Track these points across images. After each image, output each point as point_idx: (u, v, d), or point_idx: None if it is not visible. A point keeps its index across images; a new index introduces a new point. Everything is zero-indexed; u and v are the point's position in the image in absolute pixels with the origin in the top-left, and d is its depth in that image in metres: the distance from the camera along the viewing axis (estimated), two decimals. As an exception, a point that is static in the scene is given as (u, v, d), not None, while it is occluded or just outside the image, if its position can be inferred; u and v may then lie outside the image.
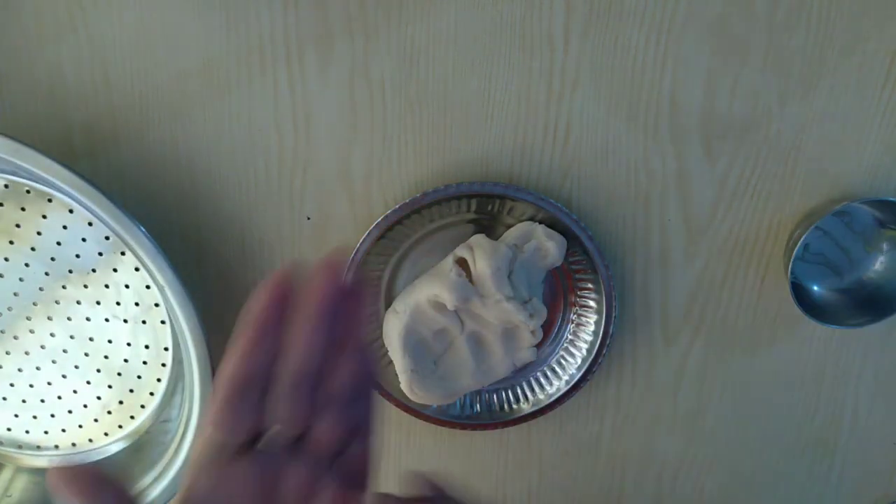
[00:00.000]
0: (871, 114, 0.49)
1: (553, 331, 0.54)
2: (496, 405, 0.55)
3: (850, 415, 0.57)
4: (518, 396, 0.55)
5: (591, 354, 0.53)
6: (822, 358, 0.55)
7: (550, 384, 0.55)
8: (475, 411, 0.55)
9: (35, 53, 0.49)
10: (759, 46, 0.48)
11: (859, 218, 0.51)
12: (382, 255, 0.51)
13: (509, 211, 0.50)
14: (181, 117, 0.50)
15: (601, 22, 0.47)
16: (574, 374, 0.53)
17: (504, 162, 0.50)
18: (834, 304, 0.53)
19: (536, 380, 0.55)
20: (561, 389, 0.54)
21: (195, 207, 0.52)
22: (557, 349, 0.55)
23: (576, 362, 0.54)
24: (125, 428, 0.56)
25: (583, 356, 0.53)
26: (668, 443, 0.58)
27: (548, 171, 0.51)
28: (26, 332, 0.54)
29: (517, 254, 0.49)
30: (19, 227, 0.51)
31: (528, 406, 0.55)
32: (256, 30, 0.48)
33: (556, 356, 0.55)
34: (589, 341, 0.53)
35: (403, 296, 0.51)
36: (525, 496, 0.60)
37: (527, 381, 0.55)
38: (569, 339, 0.54)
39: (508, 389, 0.55)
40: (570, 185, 0.51)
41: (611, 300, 0.51)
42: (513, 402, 0.55)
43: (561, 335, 0.55)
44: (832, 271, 0.53)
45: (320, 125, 0.50)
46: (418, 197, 0.49)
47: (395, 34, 0.48)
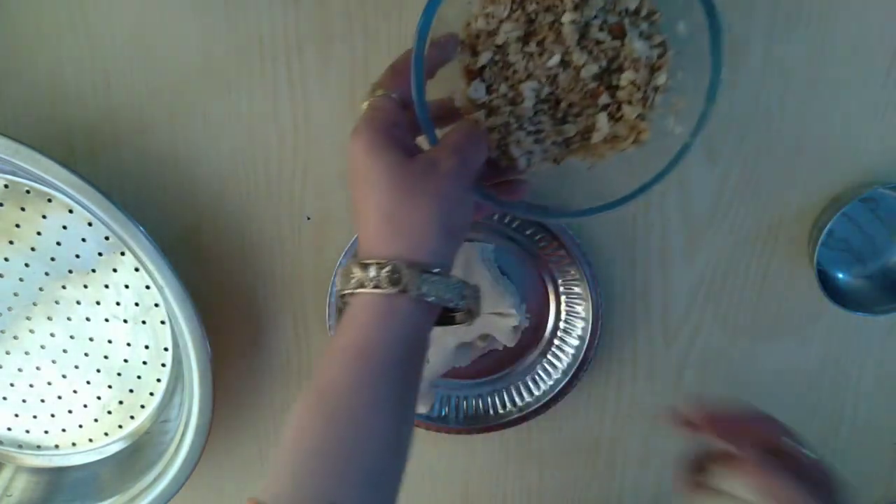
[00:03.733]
0: (871, 113, 0.49)
1: (542, 333, 0.55)
2: (491, 408, 0.56)
3: (850, 415, 0.57)
4: (513, 398, 0.55)
5: (580, 352, 0.53)
6: (822, 358, 0.55)
7: (544, 382, 0.55)
8: (469, 414, 0.56)
9: (35, 53, 0.49)
10: (759, 46, 0.48)
11: (885, 204, 0.51)
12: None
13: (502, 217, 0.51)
14: (181, 117, 0.50)
15: (601, 22, 0.47)
16: (566, 373, 0.54)
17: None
18: (858, 291, 0.53)
19: (533, 380, 0.55)
20: (556, 387, 0.54)
21: (195, 207, 0.52)
22: (547, 352, 0.55)
23: (562, 366, 0.54)
24: (125, 428, 0.56)
25: (569, 361, 0.54)
26: (668, 443, 0.58)
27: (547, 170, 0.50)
28: (26, 332, 0.54)
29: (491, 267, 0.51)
30: (19, 227, 0.51)
31: (516, 410, 0.55)
32: (256, 30, 0.48)
33: (544, 360, 0.55)
34: (575, 346, 0.54)
35: None
36: (525, 496, 0.60)
37: (522, 382, 0.55)
38: (556, 345, 0.55)
39: (503, 391, 0.56)
40: (570, 184, 0.51)
41: (598, 307, 0.52)
42: (507, 403, 0.55)
43: (550, 337, 0.55)
44: (855, 258, 0.53)
45: (320, 125, 0.50)
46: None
47: (395, 34, 0.48)
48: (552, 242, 0.51)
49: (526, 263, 0.53)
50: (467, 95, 0.44)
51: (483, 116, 0.44)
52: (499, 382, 0.55)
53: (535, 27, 0.43)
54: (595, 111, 0.44)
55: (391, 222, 0.36)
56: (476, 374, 0.56)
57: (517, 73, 0.44)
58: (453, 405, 0.55)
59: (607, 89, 0.44)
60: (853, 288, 0.53)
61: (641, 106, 0.44)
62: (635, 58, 0.43)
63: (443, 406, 0.55)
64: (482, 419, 0.55)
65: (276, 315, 0.54)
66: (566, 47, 0.43)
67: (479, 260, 0.51)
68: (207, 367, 0.48)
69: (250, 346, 0.55)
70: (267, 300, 0.54)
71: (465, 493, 0.59)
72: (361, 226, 0.37)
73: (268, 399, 0.56)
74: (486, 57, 0.44)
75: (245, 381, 0.56)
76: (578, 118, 0.45)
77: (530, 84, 0.44)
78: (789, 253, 0.53)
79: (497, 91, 0.44)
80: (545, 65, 0.43)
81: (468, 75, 0.44)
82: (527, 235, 0.52)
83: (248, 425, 0.57)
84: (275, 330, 0.55)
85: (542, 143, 0.44)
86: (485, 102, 0.44)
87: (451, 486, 0.59)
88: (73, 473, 0.58)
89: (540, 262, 0.53)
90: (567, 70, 0.43)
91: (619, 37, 0.43)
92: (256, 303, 0.54)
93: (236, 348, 0.55)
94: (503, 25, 0.43)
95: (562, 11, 0.42)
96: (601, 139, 0.44)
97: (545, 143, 0.44)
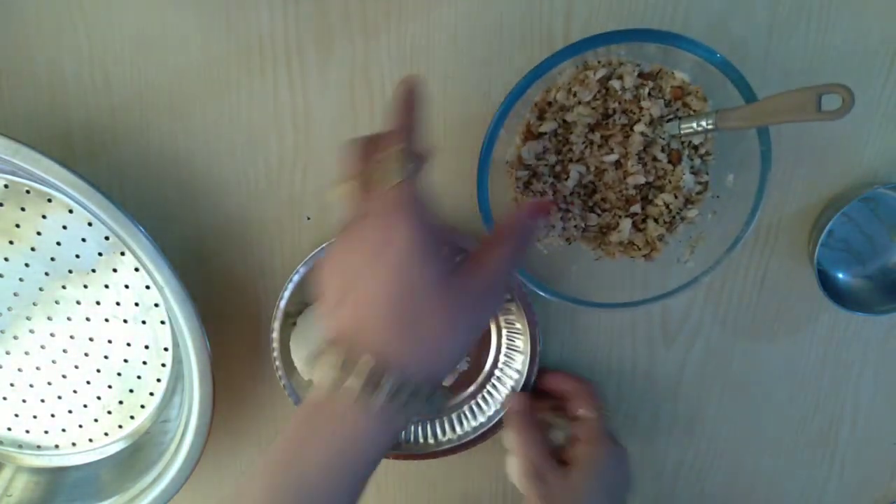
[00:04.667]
0: (871, 113, 0.49)
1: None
2: (431, 436, 0.55)
3: (850, 415, 0.57)
4: (445, 429, 0.55)
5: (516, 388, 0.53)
6: (822, 358, 0.55)
7: (475, 419, 0.55)
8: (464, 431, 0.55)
9: (35, 53, 0.49)
10: (759, 46, 0.48)
11: (885, 204, 0.51)
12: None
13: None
14: (181, 117, 0.50)
15: (601, 22, 0.47)
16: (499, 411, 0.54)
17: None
18: (858, 291, 0.53)
19: (465, 414, 0.55)
20: (487, 424, 0.54)
21: (195, 207, 0.52)
22: (481, 391, 0.55)
23: (495, 404, 0.54)
24: (125, 428, 0.56)
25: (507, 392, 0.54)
26: (668, 443, 0.58)
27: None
28: (26, 332, 0.54)
29: None
30: (19, 227, 0.51)
31: (456, 439, 0.55)
32: (256, 30, 0.48)
33: (479, 396, 0.55)
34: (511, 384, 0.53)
35: None
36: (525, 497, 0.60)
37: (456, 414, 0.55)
38: (492, 382, 0.54)
39: (436, 422, 0.55)
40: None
41: (535, 341, 0.51)
42: (444, 432, 0.55)
43: (487, 375, 0.55)
44: (855, 258, 0.53)
45: (320, 125, 0.50)
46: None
47: (395, 34, 0.48)
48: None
49: None
50: (519, 152, 0.46)
51: (526, 176, 0.47)
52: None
53: (608, 123, 0.46)
54: (623, 214, 0.47)
55: (411, 329, 0.31)
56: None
57: (572, 151, 0.47)
58: (453, 422, 0.55)
59: (642, 199, 0.47)
60: (853, 288, 0.53)
61: (666, 228, 0.47)
62: (679, 185, 0.46)
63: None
64: (421, 447, 0.55)
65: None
66: (626, 151, 0.46)
67: None
68: (207, 367, 0.48)
69: (250, 346, 0.55)
70: (267, 300, 0.54)
71: (465, 495, 0.59)
72: (361, 311, 0.32)
73: (268, 399, 0.56)
74: (550, 126, 0.46)
75: (245, 381, 0.56)
76: (605, 212, 0.48)
77: (579, 167, 0.47)
78: (789, 253, 0.53)
79: (546, 160, 0.47)
80: (601, 157, 0.46)
81: (527, 135, 0.47)
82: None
83: (248, 425, 0.58)
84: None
85: (566, 221, 0.47)
86: (530, 165, 0.47)
87: (452, 486, 0.59)
88: (73, 473, 0.58)
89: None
90: (617, 171, 0.46)
91: (674, 162, 0.46)
92: (256, 303, 0.54)
93: (236, 348, 0.55)
94: (580, 107, 0.46)
95: (637, 120, 0.45)
96: (618, 241, 0.48)
97: (568, 223, 0.47)
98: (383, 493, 0.59)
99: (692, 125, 0.44)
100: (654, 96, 0.45)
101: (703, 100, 0.46)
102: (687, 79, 0.45)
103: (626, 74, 0.45)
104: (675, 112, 0.46)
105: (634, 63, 0.45)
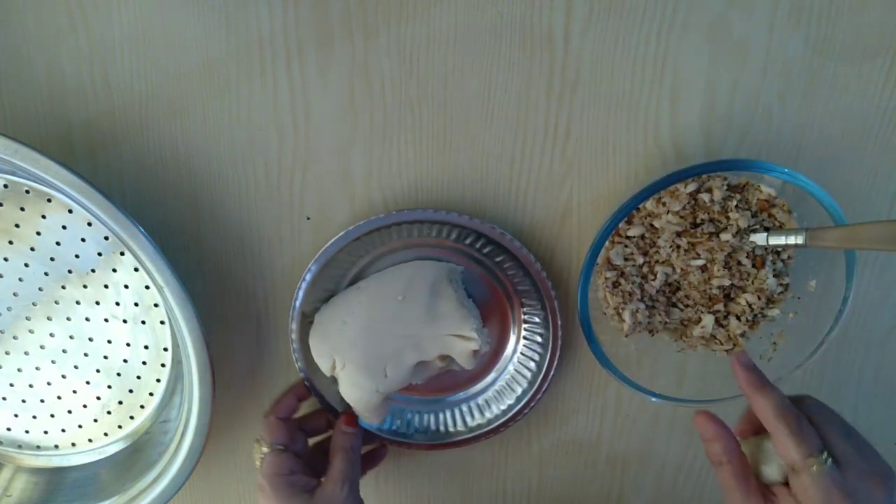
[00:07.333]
0: (871, 113, 0.49)
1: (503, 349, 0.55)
2: (442, 425, 0.56)
3: (850, 415, 0.57)
4: (465, 418, 0.56)
5: (534, 383, 0.54)
6: (821, 358, 0.55)
7: (497, 406, 0.55)
8: (421, 430, 0.56)
9: (35, 53, 0.49)
10: (759, 46, 0.48)
11: None
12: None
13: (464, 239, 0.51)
14: (181, 117, 0.50)
15: (601, 22, 0.47)
16: (519, 399, 0.54)
17: (504, 161, 0.50)
18: None
19: (486, 402, 0.56)
20: (507, 413, 0.55)
21: (195, 207, 0.52)
22: (498, 380, 0.56)
23: (517, 393, 0.55)
24: (125, 428, 0.56)
25: (524, 388, 0.54)
26: (668, 443, 0.58)
27: (548, 170, 0.51)
28: (26, 332, 0.54)
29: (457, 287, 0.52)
30: (19, 227, 0.51)
31: (466, 430, 0.56)
32: (256, 30, 0.48)
33: (497, 385, 0.56)
34: (529, 377, 0.54)
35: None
36: (525, 496, 0.60)
37: (475, 403, 0.56)
38: (511, 373, 0.55)
39: (455, 410, 0.56)
40: (570, 184, 0.51)
41: (557, 339, 0.52)
42: (458, 423, 0.56)
43: (506, 363, 0.55)
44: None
45: (320, 125, 0.50)
46: (352, 230, 0.50)
47: (395, 34, 0.48)
48: (519, 272, 0.52)
49: (492, 289, 0.53)
50: (608, 254, 0.49)
51: (614, 276, 0.49)
52: (450, 401, 0.56)
53: (695, 231, 0.48)
54: (705, 311, 0.50)
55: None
56: (430, 391, 0.56)
57: (658, 254, 0.49)
58: (406, 420, 0.56)
59: (725, 297, 0.49)
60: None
61: (748, 326, 0.50)
62: (762, 287, 0.48)
63: (395, 420, 0.56)
64: (435, 436, 0.56)
65: (276, 315, 0.54)
66: (712, 257, 0.48)
67: (447, 280, 0.51)
68: (207, 367, 0.48)
69: (250, 346, 0.55)
70: (267, 300, 0.54)
71: (465, 493, 0.59)
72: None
73: (268, 399, 0.56)
74: (638, 230, 0.49)
75: (245, 381, 0.56)
76: (688, 308, 0.50)
77: (665, 269, 0.49)
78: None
79: (633, 261, 0.49)
80: (688, 261, 0.48)
81: (615, 238, 0.49)
82: (496, 262, 0.52)
83: (248, 425, 0.57)
84: (275, 330, 0.55)
85: (652, 316, 0.50)
86: (618, 266, 0.49)
87: (452, 486, 0.59)
88: (72, 473, 0.58)
89: (506, 288, 0.53)
90: (702, 273, 0.48)
91: (758, 266, 0.48)
92: (256, 303, 0.54)
93: (236, 348, 0.55)
94: (669, 216, 0.48)
95: (723, 229, 0.47)
96: (700, 335, 0.50)
97: (653, 318, 0.50)
98: (382, 491, 0.59)
99: (782, 239, 0.46)
100: (741, 208, 0.47)
101: (789, 212, 0.47)
102: (773, 193, 0.48)
103: (716, 188, 0.47)
104: (760, 223, 0.48)
105: (723, 177, 0.47)
